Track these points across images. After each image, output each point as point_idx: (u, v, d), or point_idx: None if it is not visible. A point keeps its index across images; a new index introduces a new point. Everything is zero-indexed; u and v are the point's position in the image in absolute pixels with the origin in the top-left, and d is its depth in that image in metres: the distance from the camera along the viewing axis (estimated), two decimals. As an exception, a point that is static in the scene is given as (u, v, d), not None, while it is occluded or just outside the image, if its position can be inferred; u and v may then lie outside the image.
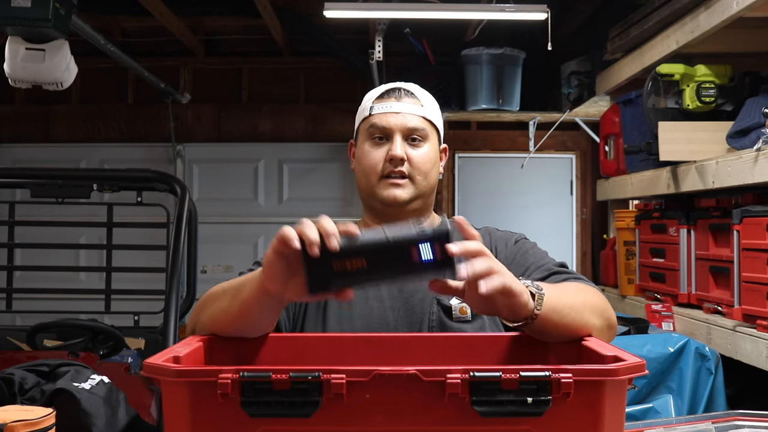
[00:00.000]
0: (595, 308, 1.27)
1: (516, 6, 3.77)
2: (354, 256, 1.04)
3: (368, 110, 1.58)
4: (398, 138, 1.53)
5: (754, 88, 3.02)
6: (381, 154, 1.54)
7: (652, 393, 2.87)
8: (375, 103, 1.57)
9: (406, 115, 1.54)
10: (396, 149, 1.52)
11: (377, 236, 1.04)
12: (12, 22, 2.87)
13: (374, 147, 1.55)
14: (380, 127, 1.54)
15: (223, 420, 0.95)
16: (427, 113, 1.57)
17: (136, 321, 3.63)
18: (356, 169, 1.60)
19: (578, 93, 4.81)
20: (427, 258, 1.04)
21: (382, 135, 1.55)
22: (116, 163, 5.48)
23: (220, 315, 1.27)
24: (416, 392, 0.95)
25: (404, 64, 5.37)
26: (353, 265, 1.04)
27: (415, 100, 1.57)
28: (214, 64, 5.78)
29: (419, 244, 1.03)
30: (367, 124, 1.57)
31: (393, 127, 1.54)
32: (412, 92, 1.58)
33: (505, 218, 5.30)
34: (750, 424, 2.00)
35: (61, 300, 4.03)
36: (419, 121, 1.55)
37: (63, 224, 3.74)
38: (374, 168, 1.54)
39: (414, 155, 1.54)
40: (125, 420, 2.12)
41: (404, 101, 1.56)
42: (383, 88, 1.60)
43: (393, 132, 1.54)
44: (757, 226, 2.54)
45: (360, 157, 1.58)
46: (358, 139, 1.60)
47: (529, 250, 1.54)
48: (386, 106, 1.56)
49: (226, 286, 1.31)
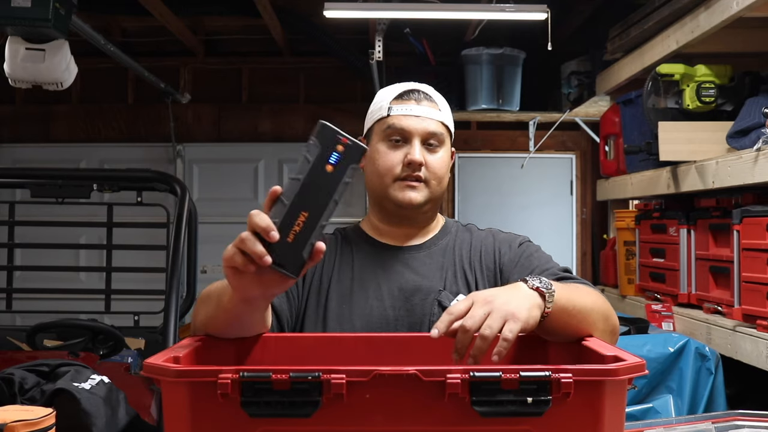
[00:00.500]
0: (601, 312, 1.28)
1: (516, 6, 3.77)
2: (295, 218, 1.04)
3: (386, 110, 1.55)
4: (417, 142, 1.52)
5: (754, 88, 3.02)
6: (398, 157, 1.53)
7: (652, 393, 2.87)
8: (393, 104, 1.55)
9: (425, 120, 1.53)
10: (416, 154, 1.51)
11: (293, 185, 1.04)
12: (12, 22, 2.87)
13: (391, 149, 1.53)
14: (399, 129, 1.53)
15: (223, 420, 0.95)
16: (444, 118, 1.57)
17: (136, 321, 3.63)
18: (368, 168, 1.58)
19: (578, 93, 4.81)
20: (336, 159, 1.05)
21: (401, 137, 1.53)
22: (116, 163, 5.48)
23: (209, 320, 1.27)
24: (416, 392, 0.95)
25: (404, 64, 5.36)
26: (300, 224, 1.04)
27: (433, 104, 1.56)
28: (214, 64, 5.78)
29: (325, 159, 1.05)
30: (384, 124, 1.55)
31: (413, 131, 1.53)
32: (430, 96, 1.57)
33: (505, 218, 5.30)
34: (750, 424, 2.00)
35: (61, 300, 4.02)
36: (437, 126, 1.55)
37: (63, 224, 3.74)
38: (391, 170, 1.53)
39: (431, 160, 1.53)
40: (125, 420, 2.12)
41: (424, 104, 1.55)
42: (401, 88, 1.58)
43: (413, 136, 1.53)
44: (757, 226, 2.54)
45: (375, 157, 1.55)
46: (372, 138, 1.58)
47: (534, 254, 1.54)
48: (406, 108, 1.54)
49: (212, 290, 1.30)
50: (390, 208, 1.57)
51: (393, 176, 1.53)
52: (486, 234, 1.62)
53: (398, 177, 1.53)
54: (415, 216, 1.57)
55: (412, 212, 1.55)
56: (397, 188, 1.53)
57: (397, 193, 1.53)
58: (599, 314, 1.27)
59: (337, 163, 1.05)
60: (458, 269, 1.56)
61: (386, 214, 1.59)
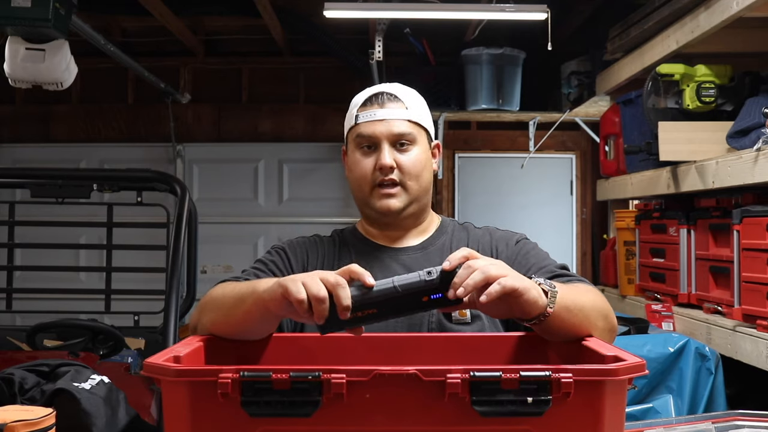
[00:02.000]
0: (601, 311, 1.29)
1: (516, 6, 3.77)
2: (366, 308, 1.10)
3: (354, 119, 1.57)
4: (385, 146, 1.52)
5: (754, 88, 3.02)
6: (370, 164, 1.53)
7: (652, 393, 2.87)
8: (359, 111, 1.56)
9: (390, 122, 1.53)
10: (384, 158, 1.51)
11: (388, 289, 1.11)
12: (12, 22, 2.87)
13: (363, 156, 1.54)
14: (366, 136, 1.53)
15: (223, 420, 0.95)
16: (412, 116, 1.55)
17: (136, 321, 3.62)
18: (349, 177, 1.61)
19: (578, 93, 4.81)
20: (436, 296, 1.12)
21: (370, 144, 1.54)
22: (116, 163, 5.47)
23: (221, 320, 1.27)
24: (416, 392, 0.95)
25: (404, 64, 5.36)
26: (365, 313, 1.11)
27: (399, 104, 1.55)
28: (214, 64, 5.77)
29: (429, 292, 1.11)
30: (353, 133, 1.56)
31: (379, 135, 1.53)
32: (395, 95, 1.56)
33: (505, 218, 5.30)
34: (750, 424, 2.00)
35: (61, 300, 4.02)
36: (405, 125, 1.54)
37: (63, 224, 3.74)
38: (365, 178, 1.54)
39: (403, 160, 1.53)
40: (125, 420, 2.11)
41: (388, 107, 1.54)
42: (366, 94, 1.58)
43: (379, 140, 1.53)
44: (757, 226, 2.54)
45: (351, 166, 1.58)
46: (348, 147, 1.60)
47: (531, 251, 1.54)
48: (370, 114, 1.54)
49: (228, 291, 1.31)
50: (373, 216, 1.58)
51: (369, 183, 1.54)
52: (483, 232, 1.62)
53: (374, 183, 1.53)
54: (398, 221, 1.58)
55: (395, 218, 1.56)
56: (375, 197, 1.54)
57: (376, 201, 1.54)
58: (599, 313, 1.28)
59: (433, 301, 1.12)
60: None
61: (372, 221, 1.61)
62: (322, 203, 5.56)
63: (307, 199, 5.62)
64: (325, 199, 5.60)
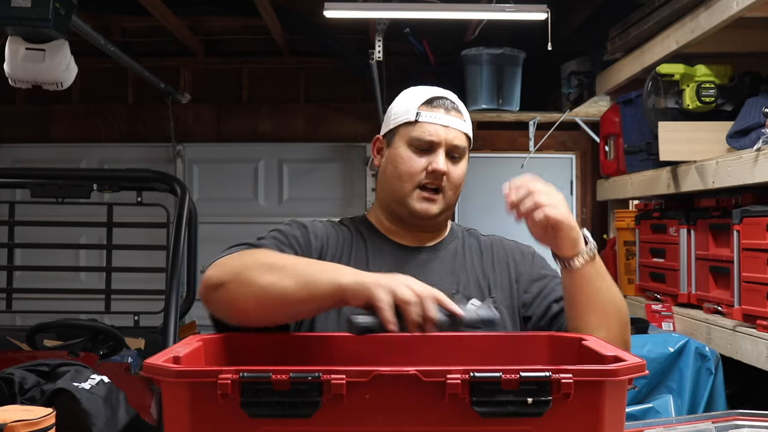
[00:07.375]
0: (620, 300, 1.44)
1: (516, 6, 3.77)
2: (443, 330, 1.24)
3: (414, 115, 1.54)
4: (442, 152, 1.52)
5: (754, 88, 3.02)
6: (421, 164, 1.52)
7: (652, 393, 2.87)
8: (422, 110, 1.54)
9: (452, 130, 1.53)
10: (440, 163, 1.51)
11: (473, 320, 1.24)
12: (12, 22, 2.88)
13: (416, 155, 1.53)
14: (427, 136, 1.52)
15: (223, 420, 0.95)
16: (468, 130, 1.57)
17: (136, 321, 3.63)
18: (387, 171, 1.57)
19: (578, 93, 4.81)
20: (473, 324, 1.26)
21: (428, 146, 1.52)
22: (116, 163, 5.47)
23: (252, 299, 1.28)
24: (416, 392, 0.95)
25: (404, 64, 5.36)
26: None
27: (459, 115, 1.56)
28: (214, 64, 5.77)
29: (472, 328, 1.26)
30: (411, 129, 1.53)
31: (441, 140, 1.52)
32: (457, 106, 1.57)
33: (505, 218, 5.22)
34: (750, 424, 2.00)
35: (61, 300, 4.02)
36: (462, 138, 1.55)
37: (63, 224, 3.74)
38: (412, 177, 1.53)
39: (453, 171, 1.54)
40: (125, 420, 2.12)
41: (452, 115, 1.54)
42: (429, 93, 1.57)
43: (439, 145, 1.52)
44: (757, 226, 2.54)
45: (396, 161, 1.54)
46: (395, 140, 1.56)
47: (547, 265, 1.60)
48: (435, 116, 1.53)
49: (277, 262, 1.32)
50: (403, 215, 1.57)
51: (414, 183, 1.53)
52: (492, 241, 1.65)
53: (418, 184, 1.53)
54: (428, 225, 1.59)
55: (426, 222, 1.57)
56: (415, 197, 1.53)
57: (415, 203, 1.53)
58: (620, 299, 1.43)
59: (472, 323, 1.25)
60: (470, 274, 1.57)
61: (397, 218, 1.59)
62: (322, 203, 5.56)
63: (307, 199, 5.63)
64: (325, 199, 5.60)
